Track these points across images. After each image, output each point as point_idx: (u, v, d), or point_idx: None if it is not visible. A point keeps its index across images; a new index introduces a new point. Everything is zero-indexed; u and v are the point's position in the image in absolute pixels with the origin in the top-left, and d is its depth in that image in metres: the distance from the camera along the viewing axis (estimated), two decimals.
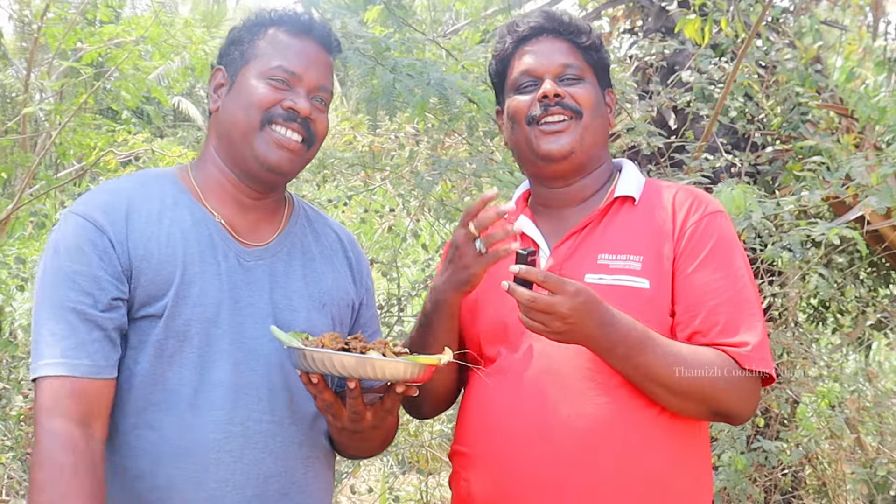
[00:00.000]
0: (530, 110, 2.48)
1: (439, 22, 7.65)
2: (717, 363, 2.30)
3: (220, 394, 2.25)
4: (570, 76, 2.50)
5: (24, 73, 7.95)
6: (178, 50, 7.17)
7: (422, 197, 5.37)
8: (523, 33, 2.55)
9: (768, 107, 5.99)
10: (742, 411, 2.38)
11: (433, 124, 5.69)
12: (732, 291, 2.37)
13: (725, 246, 2.43)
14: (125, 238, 2.23)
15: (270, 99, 2.32)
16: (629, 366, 2.27)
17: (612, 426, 2.31)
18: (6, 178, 7.40)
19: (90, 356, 2.15)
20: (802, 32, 6.38)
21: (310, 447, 2.40)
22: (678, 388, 2.28)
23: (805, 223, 4.65)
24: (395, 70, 4.00)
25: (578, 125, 2.47)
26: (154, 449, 2.22)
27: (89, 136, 6.84)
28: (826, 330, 6.33)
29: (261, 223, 2.43)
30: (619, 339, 2.24)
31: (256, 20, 2.44)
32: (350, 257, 2.59)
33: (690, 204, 2.46)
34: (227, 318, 2.28)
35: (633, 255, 2.39)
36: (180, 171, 2.45)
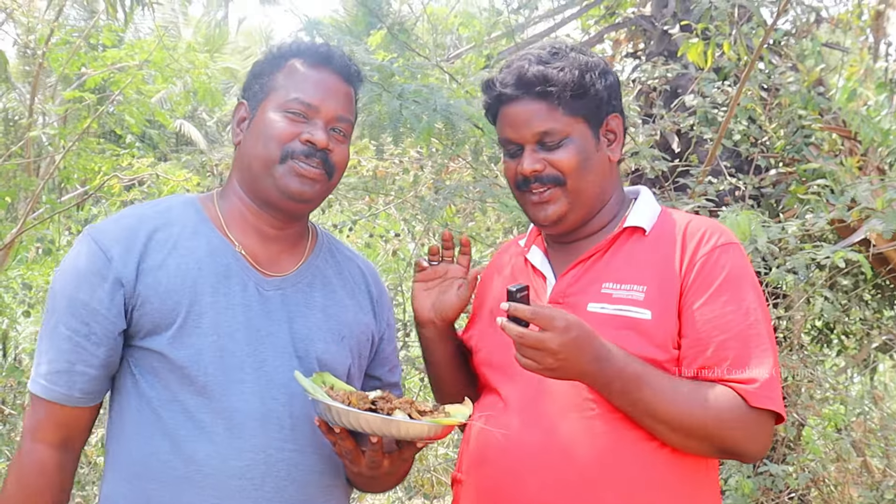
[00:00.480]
0: (516, 178, 2.47)
1: (442, 46, 7.67)
2: (721, 400, 2.25)
3: (240, 421, 2.25)
4: (549, 142, 2.42)
5: (27, 97, 7.97)
6: (181, 74, 7.19)
7: (427, 221, 5.37)
8: (501, 97, 2.48)
9: (771, 130, 6.00)
10: (751, 450, 2.31)
11: (437, 149, 5.70)
12: (742, 326, 2.31)
13: (736, 279, 2.36)
14: (135, 268, 2.25)
15: (289, 133, 2.32)
16: (627, 402, 2.24)
17: (612, 459, 2.27)
18: (10, 203, 7.40)
19: (69, 386, 2.24)
20: (804, 55, 6.39)
21: (331, 476, 2.40)
22: (679, 425, 2.25)
23: (810, 246, 4.65)
24: (401, 97, 4.00)
25: (564, 192, 2.43)
26: (175, 475, 2.23)
27: (93, 160, 6.85)
28: (831, 352, 6.32)
29: (282, 254, 2.44)
30: (615, 374, 2.21)
31: (277, 53, 2.45)
32: (372, 292, 2.59)
33: (702, 235, 2.41)
34: (245, 347, 2.29)
35: (636, 286, 2.36)
36: (205, 199, 2.46)
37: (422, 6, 7.67)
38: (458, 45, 8.30)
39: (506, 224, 5.98)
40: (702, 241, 2.40)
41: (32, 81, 7.69)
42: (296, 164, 2.32)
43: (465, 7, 8.98)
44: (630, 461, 2.27)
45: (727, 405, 2.24)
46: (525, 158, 2.43)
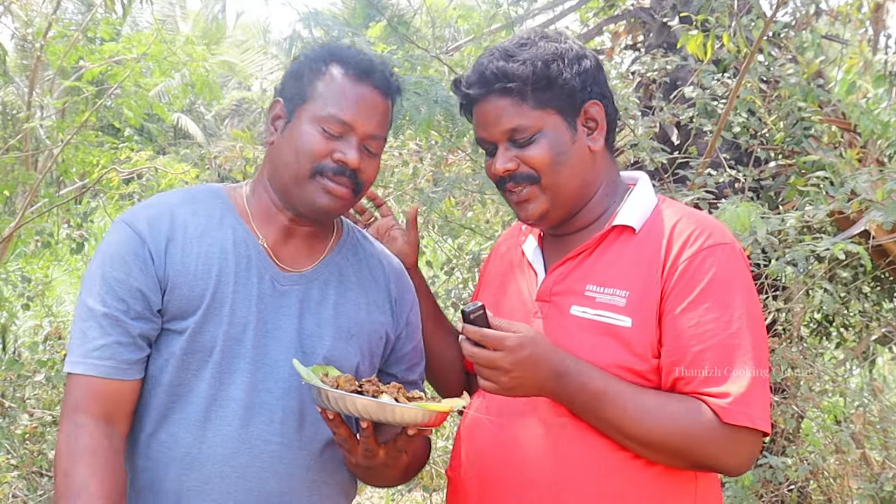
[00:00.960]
0: (495, 178, 2.43)
1: (441, 38, 7.67)
2: (691, 415, 2.18)
3: (232, 409, 2.30)
4: (520, 138, 2.35)
5: (25, 90, 7.95)
6: (179, 67, 7.18)
7: (426, 213, 5.37)
8: (469, 97, 2.43)
9: (771, 122, 6.00)
10: (728, 465, 2.22)
11: (436, 141, 5.69)
12: (723, 335, 2.20)
13: (722, 284, 2.25)
14: (164, 252, 2.31)
15: (321, 150, 2.32)
16: (592, 417, 2.21)
17: (580, 468, 2.25)
18: (8, 196, 7.40)
19: (114, 358, 2.26)
20: (804, 47, 6.39)
21: (318, 472, 2.41)
22: (647, 441, 2.19)
23: (809, 238, 4.64)
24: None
25: (540, 189, 2.36)
26: (166, 458, 2.30)
27: (91, 153, 6.85)
28: (830, 344, 6.32)
29: (304, 250, 2.47)
30: (577, 390, 2.19)
31: (318, 56, 2.43)
32: (391, 290, 2.58)
33: (689, 235, 2.30)
34: (252, 339, 2.33)
35: (619, 290, 2.28)
36: (234, 189, 2.50)
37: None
38: (456, 38, 8.29)
39: (505, 216, 5.97)
40: (687, 242, 2.29)
41: (30, 75, 7.67)
42: (325, 182, 2.33)
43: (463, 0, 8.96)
44: (599, 471, 2.24)
45: (697, 420, 2.17)
46: (497, 158, 2.38)
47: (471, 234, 6.04)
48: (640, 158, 5.54)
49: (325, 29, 4.52)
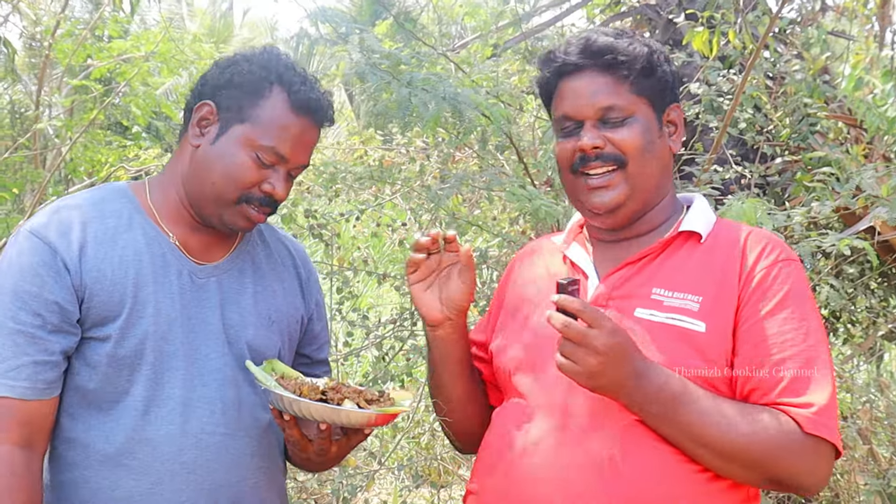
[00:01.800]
0: (573, 159, 2.32)
1: (448, 35, 7.67)
2: (772, 425, 2.07)
3: (171, 408, 2.31)
4: (612, 118, 2.29)
5: (34, 88, 7.97)
6: (187, 65, 7.19)
7: (433, 211, 5.37)
8: (562, 69, 2.34)
9: (777, 118, 5.99)
10: (805, 482, 2.12)
11: (443, 138, 5.69)
12: (803, 346, 2.14)
13: (798, 297, 2.20)
14: (78, 259, 2.26)
15: (252, 179, 2.32)
16: (665, 423, 2.09)
17: (646, 481, 2.11)
18: (17, 194, 7.42)
19: (30, 378, 2.21)
20: (810, 43, 6.38)
21: (261, 457, 2.45)
22: (723, 450, 2.07)
23: (815, 234, 4.64)
24: (410, 84, 4.00)
25: (623, 175, 2.29)
26: (111, 463, 2.28)
27: (100, 151, 6.87)
28: (837, 341, 6.31)
29: (213, 243, 2.47)
30: (654, 392, 2.07)
31: (263, 72, 2.38)
32: (300, 273, 2.64)
33: (763, 248, 2.26)
34: (180, 335, 2.33)
35: (691, 295, 2.21)
36: (137, 188, 2.46)
37: None
38: (463, 35, 8.30)
39: (512, 213, 5.97)
40: (762, 253, 2.25)
41: (39, 73, 7.69)
42: (248, 210, 2.35)
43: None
44: (665, 484, 2.10)
45: (779, 431, 2.07)
46: (585, 133, 2.29)
47: (478, 231, 6.03)
48: None
49: (333, 25, 4.52)
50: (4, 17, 6.61)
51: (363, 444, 6.59)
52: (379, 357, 5.40)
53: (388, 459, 6.15)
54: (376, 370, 5.27)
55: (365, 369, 7.14)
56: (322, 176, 5.35)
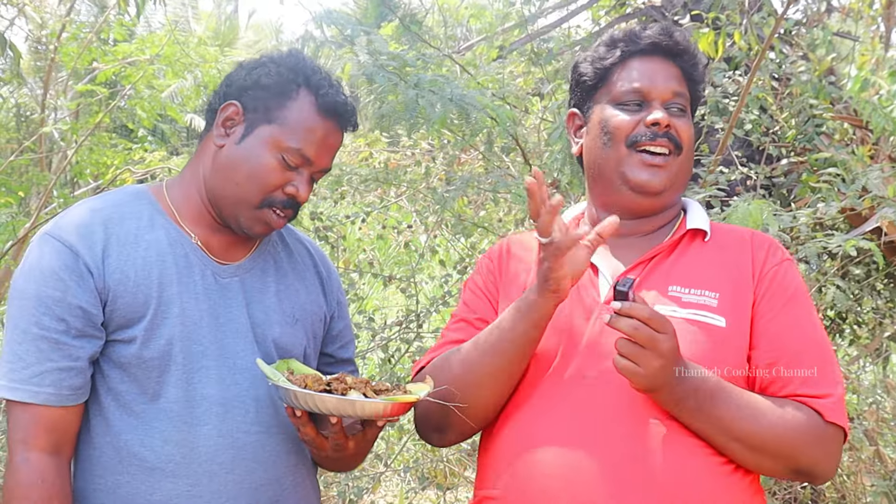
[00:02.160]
0: (635, 131, 2.34)
1: (453, 38, 7.68)
2: (799, 417, 2.13)
3: (206, 408, 2.29)
4: (677, 106, 2.37)
5: (39, 91, 7.99)
6: (192, 68, 7.20)
7: (439, 213, 5.38)
8: (641, 47, 2.40)
9: (783, 119, 5.99)
10: (825, 469, 2.18)
11: (449, 140, 5.70)
12: (813, 342, 2.24)
13: (804, 294, 2.30)
14: (101, 262, 2.24)
15: (276, 181, 2.32)
16: (701, 418, 2.11)
17: (676, 474, 2.11)
18: (23, 197, 7.43)
19: (54, 384, 2.19)
20: (815, 44, 6.38)
21: (296, 455, 2.45)
22: (757, 443, 2.12)
23: (821, 235, 4.64)
24: (417, 86, 4.01)
25: (676, 162, 2.35)
26: (146, 466, 2.26)
27: (105, 154, 6.87)
28: (843, 342, 6.30)
29: (235, 243, 2.46)
30: (692, 389, 2.08)
31: (293, 73, 2.38)
32: (321, 272, 2.63)
33: (769, 247, 2.35)
34: (209, 335, 2.32)
35: (708, 291, 2.26)
36: (156, 189, 2.45)
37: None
38: (468, 37, 8.30)
39: (517, 215, 5.98)
40: (770, 252, 2.34)
41: (44, 77, 7.70)
42: (270, 214, 2.34)
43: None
44: (694, 478, 2.12)
45: (805, 422, 2.13)
46: (656, 110, 2.33)
47: (483, 233, 6.04)
48: None
49: (339, 28, 4.52)
50: (10, 21, 6.62)
51: None
52: (385, 359, 5.41)
53: (393, 461, 6.16)
54: (382, 372, 5.28)
55: (371, 371, 7.15)
56: (328, 178, 5.36)
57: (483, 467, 2.35)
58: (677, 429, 2.14)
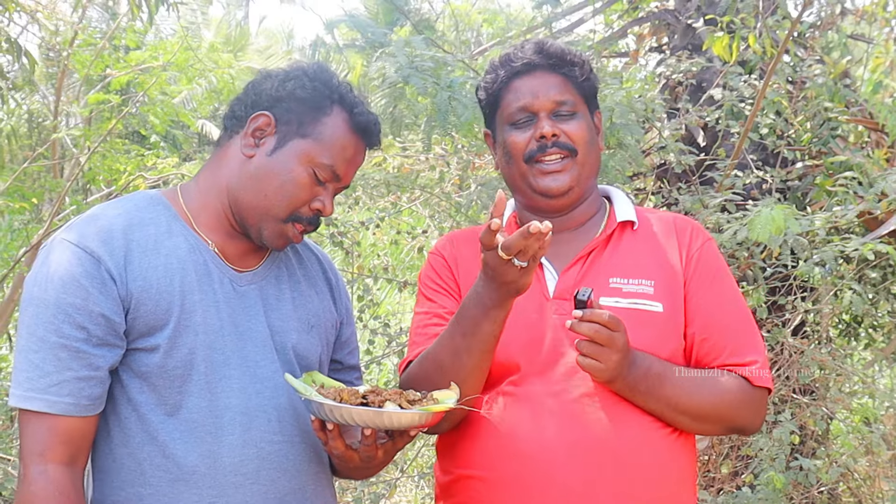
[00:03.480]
0: (528, 148, 2.53)
1: (466, 43, 7.67)
2: (731, 385, 2.43)
3: (230, 417, 2.27)
4: (564, 112, 2.54)
5: (52, 98, 8.01)
6: (204, 74, 7.21)
7: (453, 217, 5.37)
8: (517, 68, 2.58)
9: (798, 122, 5.97)
10: (755, 424, 2.51)
11: (463, 145, 5.70)
12: (736, 314, 2.52)
13: (726, 271, 2.57)
14: (124, 269, 2.20)
15: (305, 196, 2.33)
16: (651, 399, 2.38)
17: (641, 446, 2.39)
18: (36, 204, 7.45)
19: (73, 394, 2.15)
20: (830, 47, 6.36)
21: (317, 463, 2.44)
22: (699, 413, 2.42)
23: (838, 239, 4.63)
24: (450, 88, 4.02)
25: (574, 163, 2.53)
26: (169, 478, 2.23)
27: (118, 160, 6.89)
28: (859, 345, 6.28)
29: (249, 250, 2.44)
30: (642, 375, 2.35)
31: (328, 88, 2.39)
32: (330, 279, 2.63)
33: (691, 230, 2.59)
34: (230, 343, 2.30)
35: (644, 280, 2.49)
36: (170, 195, 2.42)
37: (444, 2, 7.67)
38: (480, 42, 8.30)
39: None
40: (693, 235, 2.58)
41: (57, 83, 7.72)
42: (291, 229, 2.36)
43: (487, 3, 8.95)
44: (656, 447, 2.42)
45: (736, 389, 2.43)
46: (543, 123, 2.52)
47: None
48: (666, 161, 5.53)
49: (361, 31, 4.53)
50: (23, 28, 6.64)
51: None
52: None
53: (409, 467, 6.15)
54: (398, 378, 5.27)
55: (385, 377, 7.14)
56: None
57: (465, 449, 2.50)
58: (630, 408, 2.40)
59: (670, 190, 5.60)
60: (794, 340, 5.16)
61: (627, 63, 7.39)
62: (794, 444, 4.99)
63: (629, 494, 2.36)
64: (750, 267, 5.03)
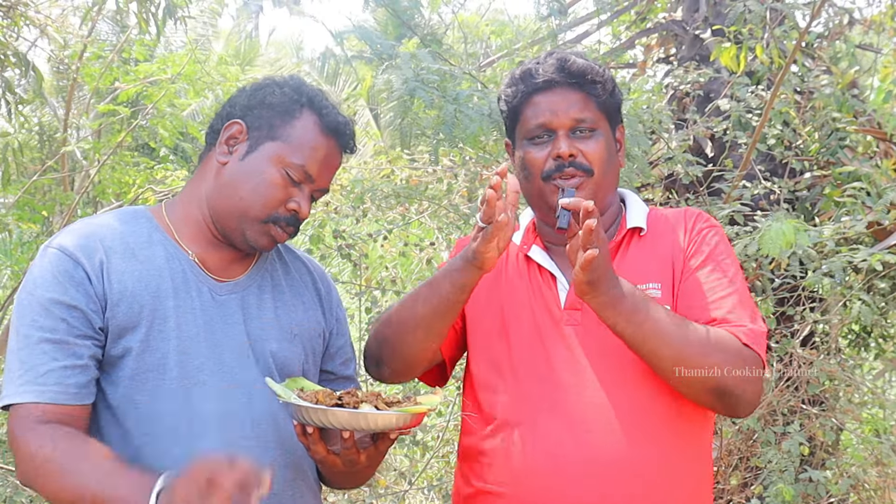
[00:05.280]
0: (546, 167, 2.52)
1: (474, 55, 7.69)
2: (722, 333, 2.35)
3: (203, 423, 2.29)
4: (582, 129, 2.53)
5: (61, 112, 8.04)
6: (212, 86, 7.23)
7: (461, 229, 5.38)
8: (538, 84, 2.56)
9: (806, 133, 5.97)
10: (746, 392, 2.37)
11: (471, 157, 5.70)
12: (733, 288, 2.46)
13: (723, 251, 2.53)
14: (100, 271, 2.27)
15: (279, 196, 2.36)
16: (637, 319, 2.29)
17: (656, 459, 2.38)
18: (46, 217, 7.47)
19: (59, 382, 2.19)
20: (838, 57, 6.36)
21: (294, 469, 2.44)
22: (686, 355, 2.31)
23: (846, 249, 4.62)
24: (456, 101, 4.03)
25: (591, 183, 2.51)
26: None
27: (128, 173, 6.91)
28: (869, 356, 6.27)
29: (233, 260, 2.48)
30: (629, 291, 2.30)
31: (297, 93, 2.45)
32: (320, 289, 2.65)
33: (696, 218, 2.59)
34: (205, 350, 2.33)
35: (652, 283, 2.48)
36: (155, 209, 2.49)
37: (452, 14, 7.68)
38: (488, 54, 8.31)
39: None
40: (696, 221, 2.58)
41: (66, 96, 7.75)
42: (273, 228, 2.39)
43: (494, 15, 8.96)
44: (671, 458, 2.40)
45: (728, 339, 2.34)
46: (561, 142, 2.50)
47: None
48: (674, 172, 5.53)
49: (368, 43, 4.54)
50: (32, 42, 6.67)
51: (392, 464, 6.58)
52: None
53: (417, 479, 6.15)
54: (406, 389, 5.28)
55: (394, 388, 7.14)
56: (350, 195, 5.36)
57: (477, 464, 2.54)
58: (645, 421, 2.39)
59: (678, 201, 5.60)
60: (803, 351, 5.15)
61: (635, 74, 7.40)
62: (804, 455, 4.98)
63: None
64: (758, 277, 5.03)
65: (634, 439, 2.37)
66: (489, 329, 2.58)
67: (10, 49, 5.76)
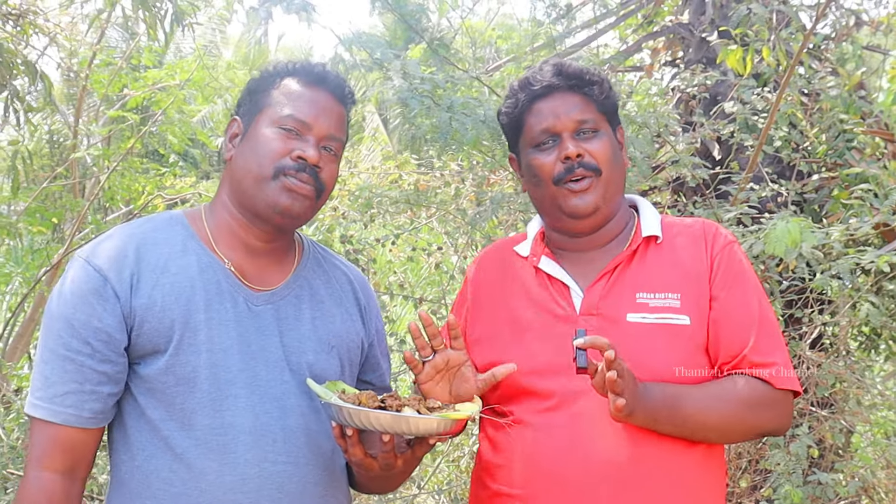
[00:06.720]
0: (556, 171, 2.54)
1: (481, 59, 7.70)
2: (751, 391, 2.41)
3: (234, 437, 2.29)
4: (586, 130, 2.56)
5: (71, 118, 8.06)
6: (221, 92, 7.24)
7: (469, 234, 5.38)
8: (537, 91, 2.59)
9: (813, 135, 5.96)
10: (781, 427, 2.49)
11: (478, 161, 5.71)
12: (759, 316, 2.48)
13: (747, 273, 2.55)
14: (129, 287, 2.28)
15: (281, 149, 2.36)
16: (676, 422, 2.36)
17: (670, 464, 2.39)
18: (56, 224, 7.49)
19: (75, 406, 2.24)
20: (845, 59, 6.35)
21: (325, 486, 2.43)
22: (725, 425, 2.41)
23: (854, 251, 4.62)
24: (450, 109, 4.04)
25: (600, 182, 2.54)
26: (173, 491, 2.26)
27: (137, 179, 6.93)
28: (879, 358, 6.25)
29: (270, 267, 2.47)
30: (659, 401, 2.32)
31: (272, 71, 2.50)
32: (360, 299, 2.64)
33: (715, 234, 2.58)
34: (238, 363, 2.33)
35: (671, 293, 2.48)
36: (192, 214, 2.49)
37: (460, 20, 7.69)
38: (496, 58, 8.31)
39: None
40: (716, 239, 2.57)
41: (76, 103, 7.77)
42: (287, 181, 2.35)
43: (502, 20, 8.97)
44: (684, 463, 2.41)
45: (758, 394, 2.41)
46: (567, 143, 2.53)
47: None
48: (681, 174, 5.53)
49: (368, 51, 4.55)
50: (41, 50, 6.69)
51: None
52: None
53: (427, 483, 6.15)
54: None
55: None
56: (358, 200, 5.37)
57: (496, 467, 2.53)
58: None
59: (686, 204, 5.60)
60: (811, 353, 5.14)
61: (642, 77, 7.41)
62: (814, 457, 4.97)
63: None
64: (766, 280, 5.03)
65: (649, 443, 2.37)
66: (505, 343, 2.56)
67: (20, 57, 5.79)
